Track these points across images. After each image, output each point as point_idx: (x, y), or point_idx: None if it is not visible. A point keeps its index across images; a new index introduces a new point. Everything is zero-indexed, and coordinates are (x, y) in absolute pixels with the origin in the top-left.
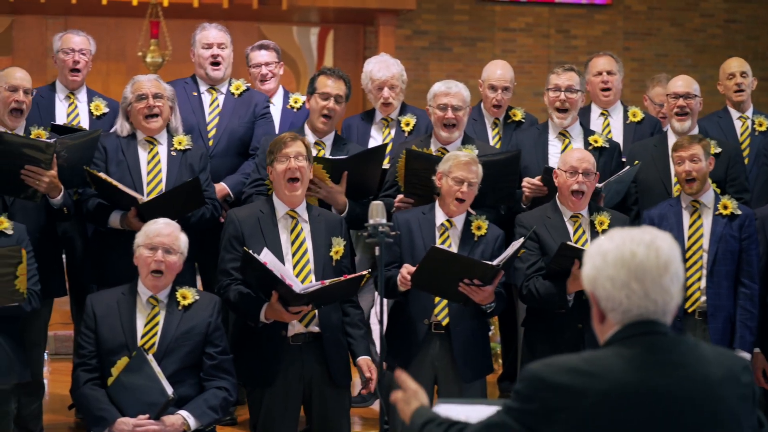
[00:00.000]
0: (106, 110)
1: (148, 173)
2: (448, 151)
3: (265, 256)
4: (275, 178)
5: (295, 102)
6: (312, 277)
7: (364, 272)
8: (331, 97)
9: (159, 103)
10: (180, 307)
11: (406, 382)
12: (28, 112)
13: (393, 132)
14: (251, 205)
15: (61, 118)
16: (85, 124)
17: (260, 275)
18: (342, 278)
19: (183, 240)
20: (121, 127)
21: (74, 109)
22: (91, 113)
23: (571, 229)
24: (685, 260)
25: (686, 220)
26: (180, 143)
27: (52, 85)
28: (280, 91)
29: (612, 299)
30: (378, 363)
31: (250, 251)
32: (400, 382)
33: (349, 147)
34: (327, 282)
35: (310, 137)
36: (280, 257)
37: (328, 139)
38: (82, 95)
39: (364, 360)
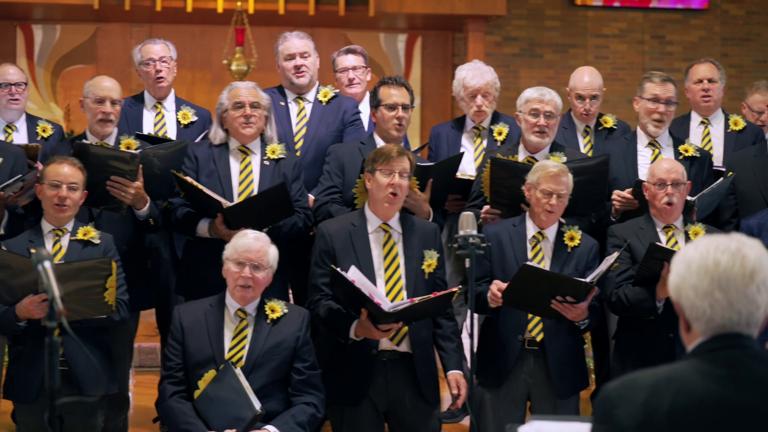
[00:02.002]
0: (194, 119)
1: (240, 183)
2: (536, 160)
3: (353, 274)
4: (374, 188)
5: None
6: (404, 293)
7: (455, 289)
8: (398, 106)
9: (256, 113)
10: (269, 321)
11: None
12: (117, 120)
13: (485, 141)
14: (342, 218)
15: (148, 127)
16: (172, 132)
17: (349, 293)
18: (431, 296)
19: (272, 254)
20: (215, 134)
21: (161, 119)
22: (178, 122)
23: (664, 240)
24: None
25: None
26: (273, 152)
27: (140, 96)
28: (368, 97)
29: (695, 309)
30: (469, 379)
31: (338, 269)
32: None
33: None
34: (416, 300)
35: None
36: (372, 273)
37: None
38: (170, 104)
39: (453, 375)
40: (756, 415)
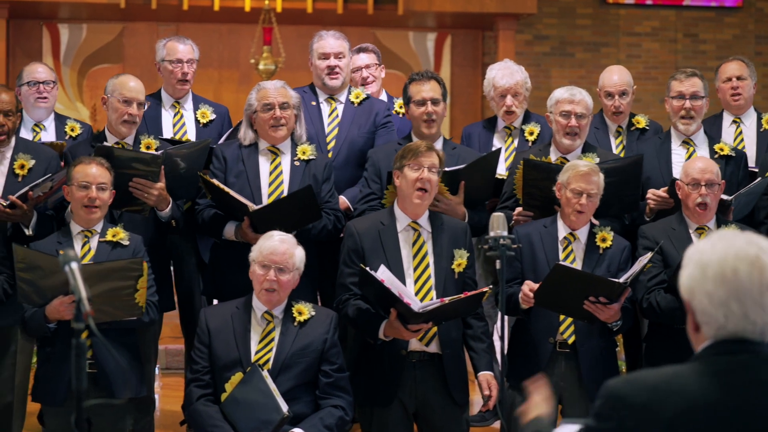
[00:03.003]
0: (213, 117)
1: (270, 184)
2: (568, 161)
3: (383, 274)
4: (402, 185)
5: (400, 107)
6: (433, 292)
7: (485, 288)
8: (427, 101)
9: (285, 114)
10: (296, 323)
11: (533, 392)
12: (140, 122)
13: (516, 141)
14: (371, 217)
15: (167, 127)
16: (191, 132)
17: (378, 292)
18: (462, 296)
19: (298, 256)
20: (245, 134)
21: (180, 118)
22: (197, 121)
23: (696, 242)
24: None
25: None
26: (304, 153)
27: (158, 94)
28: (384, 96)
29: (708, 315)
30: (499, 381)
31: (367, 269)
32: (529, 392)
33: (459, 151)
34: (447, 300)
35: None
36: (401, 272)
37: (437, 144)
38: (188, 103)
39: (484, 376)
40: (758, 417)
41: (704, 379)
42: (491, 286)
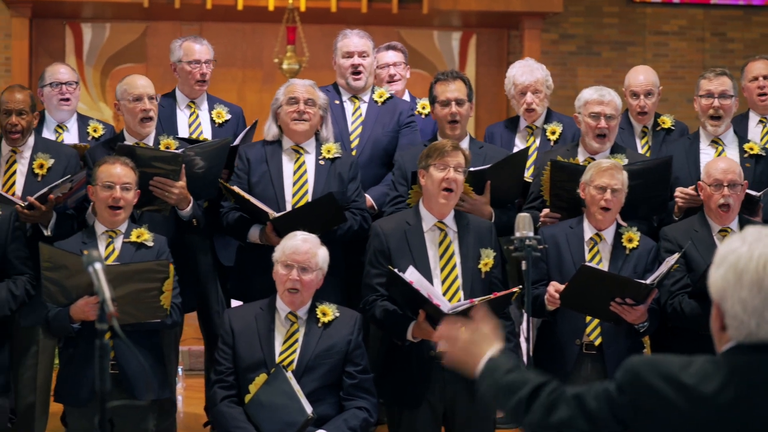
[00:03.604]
0: (228, 117)
1: (294, 184)
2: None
3: (411, 275)
4: (428, 184)
5: (423, 108)
6: (461, 293)
7: (515, 289)
8: (451, 102)
9: (310, 110)
10: (320, 324)
11: (478, 320)
12: (156, 117)
13: (538, 141)
14: (396, 216)
15: (182, 127)
16: (207, 132)
17: (406, 294)
18: (491, 296)
19: (321, 256)
20: (269, 129)
21: (196, 119)
22: (212, 121)
23: (719, 244)
24: None
25: None
26: (329, 152)
27: (172, 94)
28: (407, 96)
29: (739, 320)
30: None
31: (395, 270)
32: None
33: (486, 150)
34: (476, 300)
35: None
36: (428, 272)
37: (463, 144)
38: (204, 103)
39: None
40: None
41: (724, 377)
42: (520, 286)
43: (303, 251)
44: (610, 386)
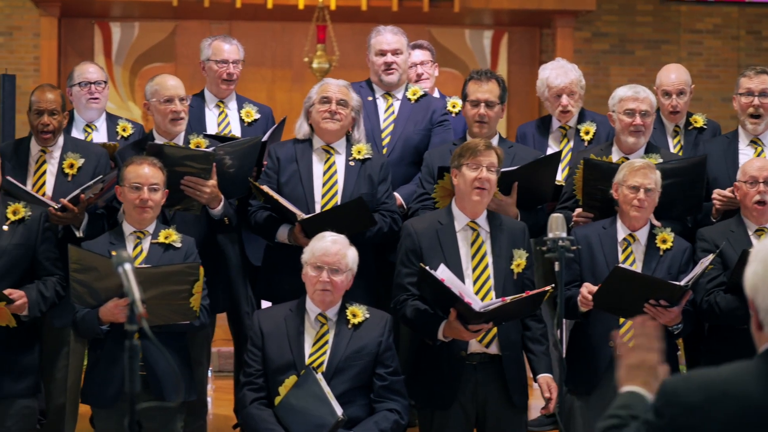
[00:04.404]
0: (257, 116)
1: (324, 184)
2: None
3: (443, 273)
4: (460, 184)
5: (453, 106)
6: (492, 293)
7: (547, 288)
8: (480, 102)
9: (342, 110)
10: (350, 326)
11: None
12: (187, 117)
13: (572, 142)
14: (428, 216)
15: (211, 127)
16: (236, 131)
17: (437, 292)
18: (524, 295)
19: (351, 256)
20: (300, 127)
21: (225, 118)
22: (242, 120)
23: (756, 243)
24: None
25: None
26: (359, 152)
27: (201, 94)
28: (436, 94)
29: None
30: (559, 385)
31: (427, 268)
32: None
33: (516, 150)
34: (508, 299)
35: None
36: (460, 272)
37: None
38: (232, 103)
39: (544, 378)
40: None
41: (763, 381)
42: (553, 285)
43: (333, 252)
44: (648, 415)
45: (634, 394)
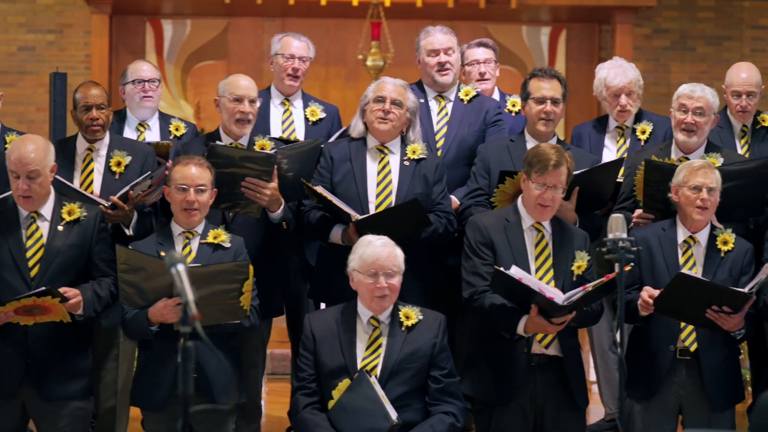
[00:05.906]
0: (323, 116)
1: (378, 184)
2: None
3: (517, 273)
4: (526, 191)
5: (513, 105)
6: None
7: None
8: (546, 100)
9: (396, 111)
10: (403, 328)
11: None
12: (254, 120)
13: (629, 141)
14: (494, 213)
15: (275, 124)
16: (300, 130)
17: (513, 291)
18: (604, 279)
19: (400, 256)
20: (355, 125)
21: (289, 116)
22: (306, 119)
23: None
24: None
25: None
26: (414, 152)
27: (267, 90)
28: (497, 94)
29: None
30: (619, 390)
31: (501, 269)
32: None
33: (572, 153)
34: (589, 287)
35: (531, 143)
36: (526, 269)
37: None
38: (298, 101)
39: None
40: None
41: None
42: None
43: (385, 257)
44: None
45: None
